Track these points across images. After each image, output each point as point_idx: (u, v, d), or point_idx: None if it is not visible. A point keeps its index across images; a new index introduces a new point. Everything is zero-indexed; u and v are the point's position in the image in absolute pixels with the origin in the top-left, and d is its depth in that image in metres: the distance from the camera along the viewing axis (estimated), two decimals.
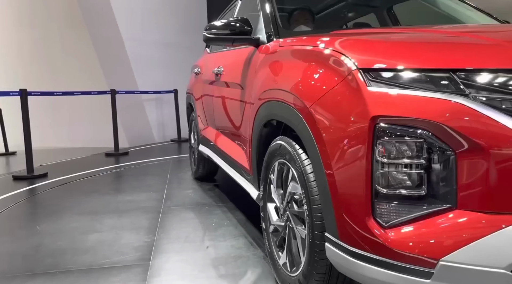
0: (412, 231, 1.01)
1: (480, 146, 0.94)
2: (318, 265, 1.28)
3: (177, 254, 1.98)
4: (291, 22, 2.49)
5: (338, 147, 1.14)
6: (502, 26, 1.66)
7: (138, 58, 6.67)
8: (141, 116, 7.09)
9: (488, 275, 0.93)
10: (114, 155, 5.64)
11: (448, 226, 0.98)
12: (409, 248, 1.00)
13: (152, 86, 6.79)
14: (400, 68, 1.05)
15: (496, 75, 0.98)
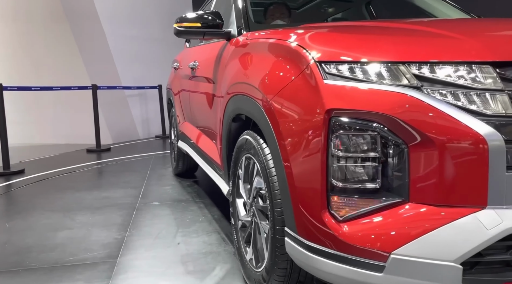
0: (365, 225, 1.01)
1: (431, 139, 0.94)
2: (279, 260, 1.27)
3: (147, 251, 1.95)
4: (267, 17, 2.47)
5: (296, 140, 1.12)
6: (466, 20, 1.66)
7: (121, 53, 6.56)
8: (125, 112, 6.99)
9: (438, 268, 0.93)
10: (95, 151, 5.55)
11: (400, 219, 0.98)
12: (362, 241, 0.99)
13: (136, 82, 6.69)
14: (356, 61, 1.04)
15: (448, 68, 0.97)
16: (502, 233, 0.91)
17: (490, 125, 0.91)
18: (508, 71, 0.95)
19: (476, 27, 1.25)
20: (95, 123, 5.68)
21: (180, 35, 1.95)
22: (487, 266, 0.96)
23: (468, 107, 0.94)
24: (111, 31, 6.38)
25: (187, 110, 2.93)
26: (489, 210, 0.92)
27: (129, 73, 6.71)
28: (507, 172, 0.91)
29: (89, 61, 6.62)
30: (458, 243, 0.92)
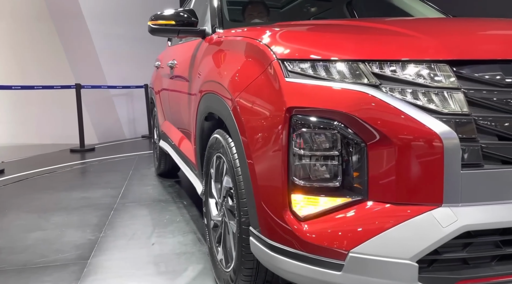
0: (325, 223, 1.00)
1: (388, 137, 0.94)
2: (246, 260, 1.26)
3: (120, 252, 1.92)
4: (246, 16, 2.46)
5: (258, 139, 1.11)
6: (429, 19, 1.67)
7: (107, 52, 6.49)
8: (111, 112, 6.91)
9: (394, 266, 0.93)
10: (79, 151, 5.47)
11: (358, 217, 0.97)
12: (322, 240, 0.99)
13: (121, 81, 6.62)
14: (316, 59, 1.04)
15: (406, 67, 0.98)
16: (457, 231, 0.91)
17: (446, 124, 0.92)
18: (464, 69, 0.96)
19: (437, 26, 1.25)
20: (79, 123, 5.60)
21: (155, 33, 1.92)
22: (444, 263, 0.97)
23: (425, 106, 0.94)
24: (96, 30, 6.31)
25: (167, 110, 2.90)
26: (445, 207, 0.93)
27: (114, 73, 6.64)
28: (462, 170, 0.92)
29: (74, 60, 6.54)
30: (414, 241, 0.92)
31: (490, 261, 0.98)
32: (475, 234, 0.95)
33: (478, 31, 1.10)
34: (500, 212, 0.93)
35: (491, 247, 0.98)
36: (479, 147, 0.92)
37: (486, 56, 0.96)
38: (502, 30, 1.13)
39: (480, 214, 0.92)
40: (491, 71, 0.95)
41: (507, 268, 0.96)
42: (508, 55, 0.97)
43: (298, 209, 1.04)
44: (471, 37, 1.06)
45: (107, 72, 6.58)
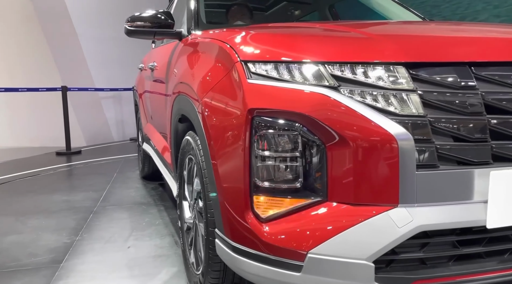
0: (285, 224, 1.00)
1: (346, 139, 0.94)
2: (213, 262, 1.26)
3: (94, 255, 1.90)
4: (229, 18, 2.46)
5: (222, 140, 1.12)
6: (391, 23, 1.68)
7: (94, 55, 6.45)
8: (99, 115, 6.86)
9: (351, 267, 0.93)
10: (65, 154, 5.42)
11: (318, 218, 0.98)
12: (282, 241, 0.99)
13: (110, 84, 6.57)
14: (278, 61, 1.04)
15: (364, 69, 0.99)
16: (412, 231, 0.92)
17: (401, 125, 0.93)
18: (420, 72, 0.97)
19: (398, 29, 1.27)
20: (65, 125, 5.55)
21: (131, 35, 1.92)
22: (402, 264, 0.98)
23: (381, 107, 0.95)
24: (84, 32, 6.27)
25: (149, 112, 2.89)
26: (400, 208, 0.93)
27: (102, 75, 6.60)
28: (418, 170, 0.93)
29: (62, 62, 6.48)
30: (370, 241, 0.92)
31: (448, 261, 0.99)
32: (432, 234, 0.96)
33: (436, 34, 1.12)
34: (455, 212, 0.94)
35: (448, 247, 0.99)
36: (434, 148, 0.94)
37: (442, 59, 0.98)
38: (460, 33, 1.15)
39: (435, 214, 0.93)
40: (446, 73, 0.97)
41: (463, 268, 0.97)
42: (463, 57, 0.98)
43: (260, 210, 1.04)
44: (428, 40, 1.07)
45: (95, 75, 6.53)
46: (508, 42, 1.05)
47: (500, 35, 1.11)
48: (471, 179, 0.95)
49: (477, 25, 1.29)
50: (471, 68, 0.98)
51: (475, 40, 1.06)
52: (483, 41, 1.06)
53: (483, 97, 0.96)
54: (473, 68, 0.98)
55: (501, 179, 0.93)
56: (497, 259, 1.00)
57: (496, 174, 0.93)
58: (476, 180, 0.95)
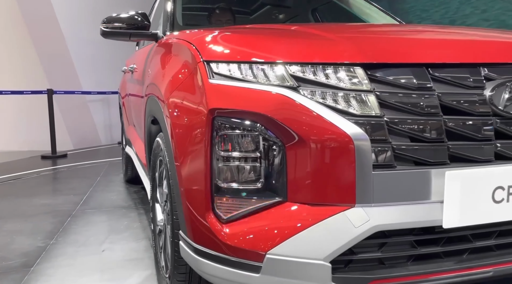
0: (245, 225, 1.00)
1: (304, 139, 0.94)
2: (178, 264, 1.24)
3: (67, 259, 1.87)
4: (212, 22, 2.47)
5: (185, 141, 1.11)
6: (358, 25, 1.70)
7: (82, 57, 6.40)
8: (87, 118, 6.80)
9: (308, 267, 0.93)
10: (50, 157, 5.35)
11: (277, 219, 0.97)
12: (241, 242, 0.98)
13: (98, 87, 6.53)
14: (239, 61, 1.04)
15: (323, 69, 0.99)
16: (369, 231, 0.92)
17: (358, 126, 0.93)
18: (378, 73, 0.98)
19: (359, 31, 1.28)
20: (51, 128, 5.49)
21: (106, 36, 1.91)
22: (361, 264, 0.98)
23: (339, 108, 0.95)
24: (71, 35, 6.23)
25: (129, 114, 2.88)
26: (357, 208, 0.93)
27: (90, 78, 6.55)
28: (374, 170, 0.93)
29: (48, 65, 6.42)
30: (327, 241, 0.92)
31: (406, 261, 0.99)
32: (389, 234, 0.96)
33: (395, 36, 1.13)
34: (411, 212, 0.94)
35: (407, 247, 0.99)
36: (391, 148, 0.94)
37: (399, 60, 0.99)
38: (419, 35, 1.16)
39: (392, 214, 0.94)
40: (403, 74, 0.98)
41: (421, 268, 0.98)
42: (420, 59, 0.99)
43: (221, 211, 1.03)
44: (386, 41, 1.08)
45: (82, 78, 6.49)
46: (464, 44, 1.07)
47: (458, 37, 1.13)
48: (428, 179, 0.95)
49: (443, 28, 1.31)
50: (428, 69, 0.99)
51: (432, 42, 1.08)
52: (440, 43, 1.07)
53: (440, 98, 0.97)
54: (430, 69, 0.99)
55: (456, 179, 0.94)
56: (456, 259, 1.00)
57: (451, 174, 0.94)
58: (432, 180, 0.95)
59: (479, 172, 0.96)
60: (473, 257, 1.01)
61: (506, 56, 1.05)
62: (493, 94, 0.99)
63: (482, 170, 0.96)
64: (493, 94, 0.99)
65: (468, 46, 1.07)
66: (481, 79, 1.00)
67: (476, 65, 1.01)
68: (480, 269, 0.99)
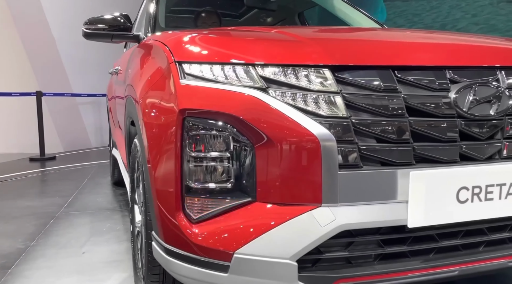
0: (214, 225, 1.00)
1: (272, 140, 0.95)
2: (151, 265, 1.24)
3: (46, 261, 1.86)
4: (198, 25, 2.48)
5: (156, 142, 1.11)
6: (331, 28, 1.71)
7: (72, 59, 6.38)
8: (77, 120, 6.76)
9: (275, 266, 0.94)
10: (39, 159, 5.31)
11: (245, 219, 0.98)
12: (210, 242, 0.99)
13: (88, 89, 6.50)
14: (210, 62, 1.05)
15: (291, 71, 1.00)
16: (335, 230, 0.93)
17: (325, 126, 0.94)
18: (345, 74, 0.99)
19: (330, 34, 1.31)
20: (39, 130, 5.45)
21: (88, 38, 1.91)
22: (329, 263, 0.99)
23: (307, 109, 0.97)
24: (61, 37, 6.21)
25: (115, 117, 2.87)
26: (324, 207, 0.95)
27: (80, 80, 6.52)
28: (340, 170, 0.94)
29: (39, 68, 6.38)
30: (293, 240, 0.93)
31: (373, 260, 1.01)
32: (356, 233, 0.98)
33: (365, 39, 1.15)
34: (377, 212, 0.96)
35: (374, 247, 1.00)
36: (357, 149, 0.95)
37: (365, 62, 1.01)
38: (387, 38, 1.18)
39: (357, 214, 0.95)
40: (370, 76, 0.99)
41: (387, 266, 0.99)
42: (386, 62, 1.01)
43: (191, 212, 1.03)
44: (354, 44, 1.10)
45: (73, 80, 6.46)
46: (430, 48, 1.09)
47: (425, 41, 1.15)
48: (393, 179, 0.97)
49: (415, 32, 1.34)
50: (395, 72, 1.01)
51: (399, 45, 1.10)
52: (407, 46, 1.09)
53: (405, 100, 0.99)
54: (397, 72, 1.01)
55: (421, 179, 0.96)
56: (422, 258, 1.02)
57: (416, 174, 0.95)
58: (398, 180, 0.97)
59: (443, 173, 0.98)
60: (439, 257, 1.03)
61: (471, 59, 1.08)
62: (458, 97, 1.01)
63: (446, 171, 0.98)
64: (458, 96, 1.01)
65: (434, 50, 1.09)
66: (446, 82, 1.02)
67: (442, 68, 1.03)
68: (446, 268, 1.01)
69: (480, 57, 1.09)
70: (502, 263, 1.05)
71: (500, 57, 1.12)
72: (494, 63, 1.08)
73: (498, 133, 1.05)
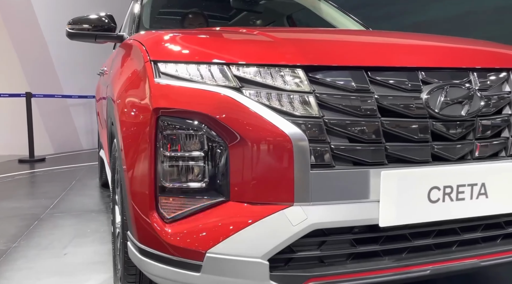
0: (188, 224, 1.00)
1: (245, 139, 0.96)
2: (128, 265, 1.24)
3: (27, 262, 1.84)
4: (185, 25, 2.49)
5: (131, 140, 1.11)
6: (309, 29, 1.73)
7: (63, 61, 6.34)
8: (68, 122, 6.71)
9: (247, 265, 0.93)
10: (28, 161, 5.26)
11: (218, 218, 0.98)
12: (183, 241, 0.99)
13: (79, 91, 6.46)
14: (185, 61, 1.05)
15: (265, 71, 1.01)
16: (306, 229, 0.93)
17: (297, 126, 0.95)
18: (318, 75, 1.00)
19: (306, 34, 1.32)
20: (29, 132, 5.40)
21: (72, 38, 1.91)
22: (302, 262, 0.99)
23: (280, 108, 0.97)
24: (52, 39, 6.16)
25: (102, 117, 2.86)
26: (296, 206, 0.95)
27: (71, 82, 6.48)
28: (312, 170, 0.95)
29: (29, 69, 6.33)
30: (265, 239, 0.93)
31: (346, 260, 1.01)
32: (329, 232, 0.98)
33: (339, 40, 1.16)
34: (348, 211, 0.96)
35: (346, 246, 1.01)
36: (329, 148, 0.96)
37: (338, 63, 1.01)
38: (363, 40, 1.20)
39: (329, 213, 0.95)
40: (342, 77, 1.00)
41: (359, 265, 0.99)
42: (359, 62, 1.02)
43: (165, 211, 1.03)
44: (327, 45, 1.11)
45: (64, 82, 6.42)
46: (403, 49, 1.10)
47: (398, 42, 1.17)
48: (365, 179, 0.97)
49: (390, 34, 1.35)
50: (367, 72, 1.02)
51: (372, 46, 1.11)
52: (380, 48, 1.11)
53: (378, 100, 1.00)
54: (369, 72, 1.02)
55: (392, 178, 0.97)
56: (395, 257, 1.03)
57: (387, 174, 0.96)
58: (370, 180, 0.97)
59: (414, 172, 0.99)
60: (411, 256, 1.04)
61: (443, 61, 1.09)
62: (429, 98, 1.02)
63: (417, 170, 0.99)
64: (430, 97, 1.02)
65: (407, 51, 1.11)
66: (419, 83, 1.03)
67: (414, 69, 1.05)
68: (418, 268, 1.02)
69: (453, 59, 1.11)
70: (474, 262, 1.06)
71: (473, 59, 1.13)
72: (466, 65, 1.10)
73: (470, 134, 1.07)
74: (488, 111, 1.08)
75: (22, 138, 6.27)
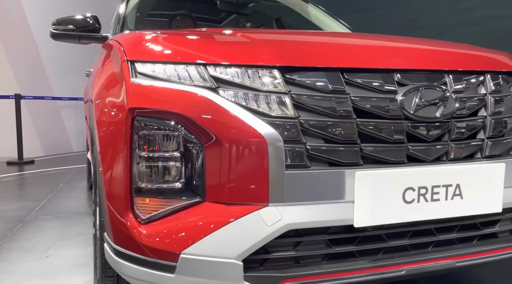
0: (163, 225, 0.99)
1: (220, 140, 0.95)
2: (105, 267, 1.22)
3: (9, 265, 1.81)
4: (172, 27, 2.48)
5: (107, 141, 1.10)
6: (288, 31, 1.74)
7: (54, 62, 6.30)
8: (58, 124, 6.65)
9: (221, 266, 0.93)
10: (16, 163, 5.20)
11: (193, 219, 0.97)
12: (158, 242, 0.98)
13: (70, 93, 6.41)
14: (161, 61, 1.05)
15: (241, 71, 1.01)
16: (281, 229, 0.93)
17: (272, 126, 0.95)
18: (294, 75, 1.00)
19: (283, 36, 1.32)
20: (18, 134, 5.35)
21: (56, 39, 1.90)
22: (277, 262, 0.99)
23: (255, 109, 0.97)
24: (43, 40, 6.12)
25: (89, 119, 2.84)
26: (271, 207, 0.95)
27: (62, 83, 6.44)
28: (287, 170, 0.95)
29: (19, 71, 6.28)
30: (239, 240, 0.93)
31: (321, 260, 1.01)
32: (304, 232, 0.98)
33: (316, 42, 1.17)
34: (323, 211, 0.96)
35: (322, 246, 1.01)
36: (304, 149, 0.96)
37: (314, 64, 1.02)
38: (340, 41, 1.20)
39: (304, 213, 0.95)
40: (318, 78, 1.01)
41: (335, 266, 0.99)
42: (334, 64, 1.03)
43: (140, 212, 1.02)
44: (304, 46, 1.12)
45: (54, 83, 6.37)
46: (378, 51, 1.11)
47: (374, 44, 1.18)
48: (340, 179, 0.98)
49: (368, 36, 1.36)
50: (343, 74, 1.02)
51: (348, 48, 1.12)
52: (355, 49, 1.11)
53: (353, 101, 1.00)
54: (345, 74, 1.03)
55: (367, 179, 0.97)
56: (370, 258, 1.03)
57: (361, 174, 0.97)
58: (345, 181, 0.98)
59: (389, 173, 0.99)
60: (387, 256, 1.04)
61: (419, 63, 1.10)
62: (404, 99, 1.03)
63: (392, 171, 1.00)
64: (405, 99, 1.03)
65: (383, 53, 1.11)
66: (394, 84, 1.04)
67: (390, 71, 1.05)
68: (393, 268, 1.02)
69: (428, 61, 1.12)
70: (449, 263, 1.07)
71: (449, 62, 1.14)
72: (442, 67, 1.11)
73: (445, 136, 1.08)
74: (463, 113, 1.10)
75: (11, 140, 6.22)
